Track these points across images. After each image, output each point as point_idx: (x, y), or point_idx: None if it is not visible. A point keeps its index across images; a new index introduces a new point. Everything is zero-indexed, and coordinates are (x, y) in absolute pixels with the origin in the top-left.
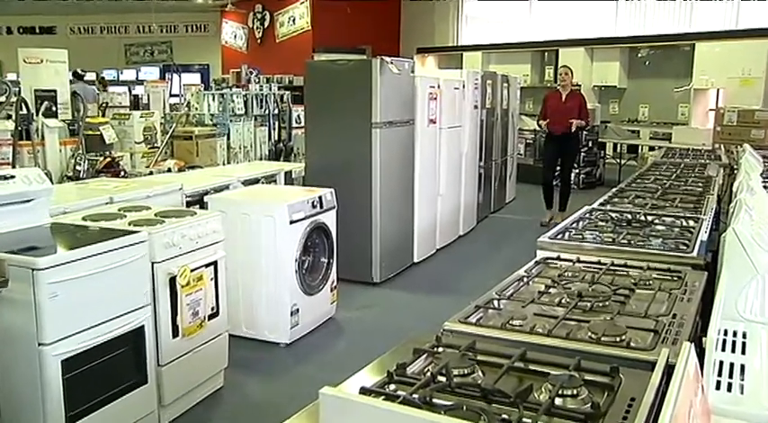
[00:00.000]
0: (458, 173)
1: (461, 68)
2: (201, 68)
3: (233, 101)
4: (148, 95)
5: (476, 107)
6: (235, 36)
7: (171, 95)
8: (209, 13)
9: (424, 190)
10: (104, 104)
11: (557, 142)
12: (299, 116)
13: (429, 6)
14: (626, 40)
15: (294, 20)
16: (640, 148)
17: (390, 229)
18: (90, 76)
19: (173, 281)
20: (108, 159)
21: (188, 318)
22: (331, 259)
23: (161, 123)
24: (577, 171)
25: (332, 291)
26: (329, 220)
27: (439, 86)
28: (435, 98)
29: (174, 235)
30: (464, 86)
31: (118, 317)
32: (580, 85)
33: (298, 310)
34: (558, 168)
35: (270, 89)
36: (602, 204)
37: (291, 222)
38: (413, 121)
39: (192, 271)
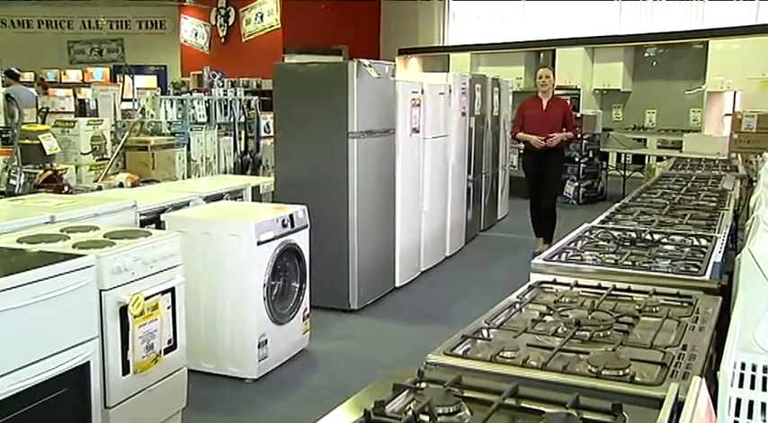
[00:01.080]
0: (444, 187)
1: (448, 71)
2: (158, 70)
3: (194, 107)
4: (96, 100)
5: (464, 114)
6: (195, 34)
7: (123, 100)
8: (165, 8)
9: (407, 206)
10: (44, 109)
11: (536, 160)
12: (267, 124)
13: (412, 3)
14: (631, 38)
15: (262, 17)
16: (647, 158)
17: (369, 251)
18: (27, 77)
19: (124, 310)
20: (49, 172)
21: (141, 352)
22: (303, 284)
23: (111, 132)
24: (576, 185)
25: (304, 319)
26: (301, 240)
27: (423, 92)
28: (419, 105)
29: (126, 258)
30: (450, 91)
31: (58, 353)
32: (580, 89)
33: (266, 341)
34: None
35: (235, 94)
36: (603, 221)
37: (259, 243)
38: (394, 131)
39: (146, 299)
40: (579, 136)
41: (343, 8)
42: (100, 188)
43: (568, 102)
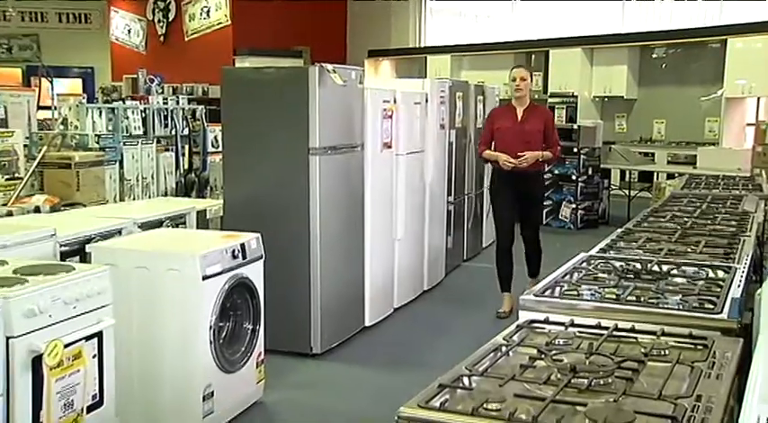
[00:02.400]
0: (420, 211)
1: (424, 77)
2: (83, 73)
3: (127, 117)
4: (5, 108)
5: (443, 127)
6: (129, 31)
7: (39, 108)
8: (91, 0)
9: (378, 233)
10: None
11: (511, 185)
12: (216, 138)
13: None
14: (636, 37)
15: (208, 12)
16: (655, 175)
17: (334, 285)
18: None
19: (37, 361)
20: None
21: (58, 411)
22: (257, 325)
23: (25, 146)
24: (574, 206)
25: (258, 366)
26: (255, 273)
27: (395, 101)
28: (391, 116)
29: (42, 299)
30: (428, 100)
31: None
32: (577, 96)
33: (213, 393)
34: (519, 223)
35: (177, 102)
36: (603, 250)
37: (205, 278)
38: (362, 146)
39: (65, 347)
40: (558, 156)
41: (305, 3)
42: (10, 213)
43: (564, 112)
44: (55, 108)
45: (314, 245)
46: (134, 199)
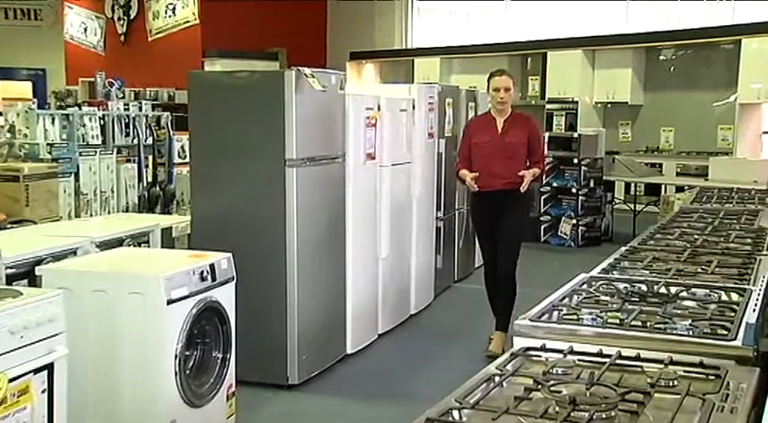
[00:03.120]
0: (407, 227)
1: (411, 81)
2: (33, 75)
3: (84, 125)
4: None
5: (431, 136)
6: (85, 29)
7: None
8: None
9: (361, 252)
10: None
11: (490, 207)
12: (183, 148)
13: None
14: (642, 37)
15: (174, 9)
16: (663, 188)
17: (313, 309)
18: None
19: None
20: None
21: None
22: (228, 353)
23: None
24: (574, 222)
25: (228, 399)
26: (225, 297)
27: (379, 108)
28: (374, 124)
29: None
30: (414, 107)
31: None
32: (577, 102)
33: None
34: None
35: (140, 109)
36: (606, 270)
37: (170, 302)
38: (343, 157)
39: (10, 381)
40: (544, 173)
41: (281, 1)
42: None
43: (564, 119)
44: (0, 114)
45: (291, 265)
46: (91, 215)
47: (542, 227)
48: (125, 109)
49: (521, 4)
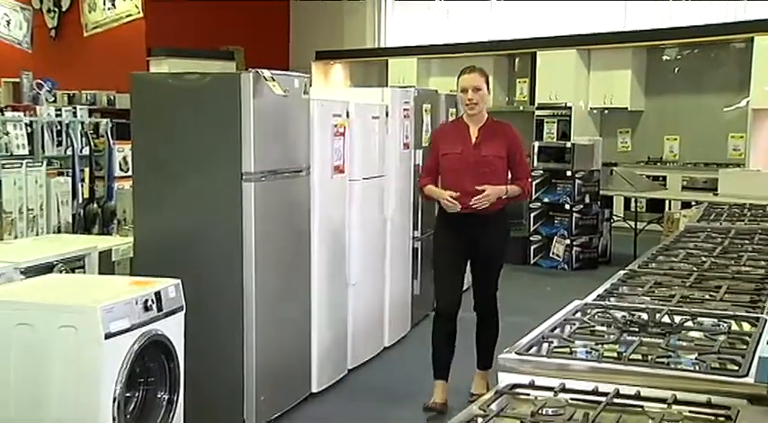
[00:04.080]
0: (380, 249)
1: (385, 85)
2: None
3: (7, 132)
4: None
5: (407, 146)
6: (8, 23)
7: None
8: None
9: (327, 277)
10: None
11: (458, 230)
12: (125, 159)
13: None
14: (642, 35)
15: (114, 2)
16: (667, 204)
17: (274, 342)
18: None
19: None
20: None
21: None
22: (175, 394)
23: None
24: (568, 242)
25: None
26: (173, 329)
27: (348, 114)
28: (343, 133)
29: None
30: (388, 114)
31: None
32: (571, 108)
33: None
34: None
35: (75, 114)
36: (602, 296)
37: (108, 336)
38: (308, 170)
39: None
40: (528, 192)
41: None
42: None
43: (555, 127)
44: None
45: (248, 292)
46: (16, 237)
47: (532, 247)
48: (57, 115)
49: None
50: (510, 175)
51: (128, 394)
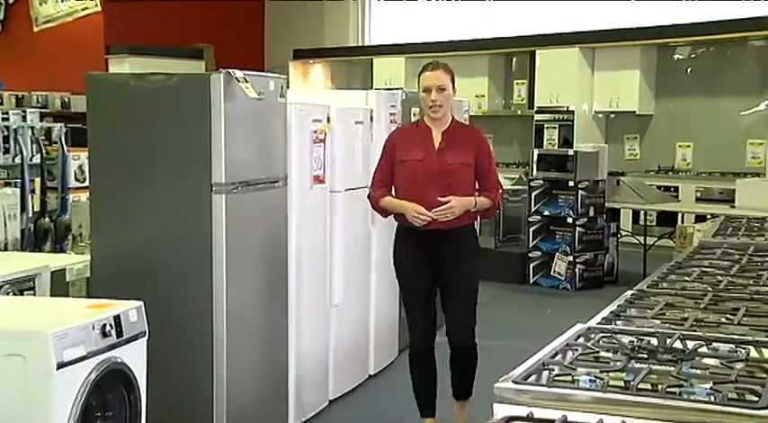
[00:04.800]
0: (365, 268)
1: (370, 87)
2: None
3: None
4: None
5: None
6: None
7: None
8: None
9: (307, 298)
10: None
11: (422, 250)
12: (81, 168)
13: None
14: (652, 32)
15: None
16: (679, 217)
17: (247, 371)
18: None
19: None
20: None
21: None
22: None
23: None
24: (570, 259)
25: None
26: (134, 357)
27: (329, 119)
28: (323, 140)
29: None
30: (373, 118)
31: None
32: (573, 111)
33: None
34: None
35: (24, 118)
36: (608, 319)
37: (61, 365)
38: (285, 181)
39: None
40: (499, 206)
41: None
42: None
43: (557, 133)
44: None
45: (218, 316)
46: None
47: (531, 265)
48: (4, 119)
49: None
50: (477, 186)
51: None
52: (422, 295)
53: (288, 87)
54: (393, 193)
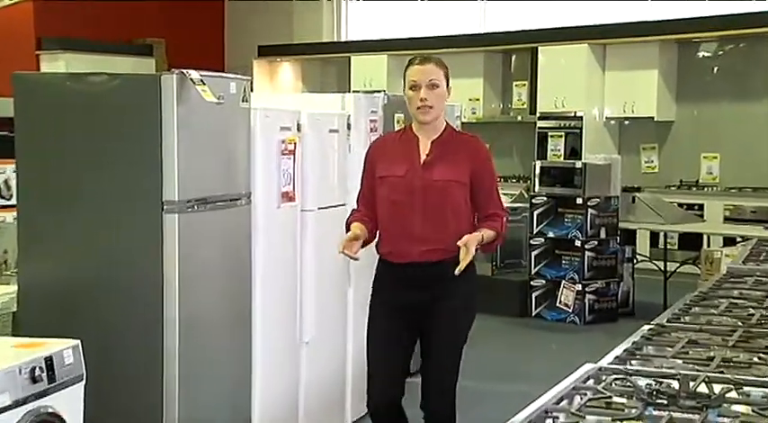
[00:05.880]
0: (341, 299)
1: (347, 90)
2: None
3: None
4: None
5: None
6: None
7: None
8: None
9: (274, 334)
10: None
11: (405, 295)
12: (6, 184)
13: None
14: (672, 25)
15: None
16: (705, 240)
17: (203, 418)
18: None
19: None
20: None
21: None
22: None
23: None
24: (579, 289)
25: None
26: (69, 405)
27: (300, 127)
28: (292, 151)
29: None
30: (350, 126)
31: None
32: (582, 117)
33: None
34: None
35: None
36: (621, 358)
37: None
38: (248, 198)
39: None
40: (503, 236)
41: None
42: None
43: (562, 142)
44: None
45: (170, 355)
46: None
47: (534, 295)
48: None
49: None
50: (477, 211)
51: None
52: (391, 341)
53: (252, 90)
54: (367, 213)
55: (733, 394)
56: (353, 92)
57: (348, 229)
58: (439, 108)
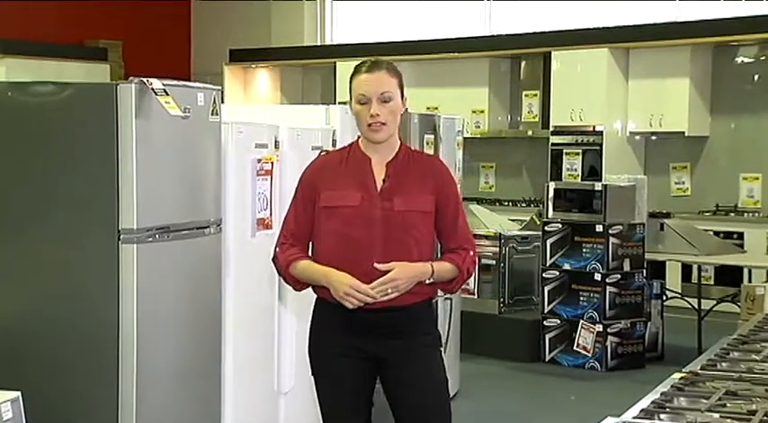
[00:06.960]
0: None
1: (332, 101)
2: None
3: None
4: None
5: None
6: None
7: None
8: None
9: (248, 382)
10: None
11: (353, 341)
12: None
13: None
14: (704, 28)
15: None
16: (745, 273)
17: None
18: None
19: None
20: None
21: None
22: None
23: None
24: (600, 330)
25: None
26: None
27: (278, 144)
28: (270, 171)
29: None
30: (336, 143)
31: None
32: (602, 132)
33: None
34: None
35: None
36: (648, 412)
37: None
38: (218, 226)
39: None
40: (469, 274)
41: None
42: None
43: (580, 161)
44: None
45: (126, 409)
46: None
47: (547, 337)
48: None
49: None
50: (440, 243)
51: None
52: (347, 400)
53: (222, 101)
54: (311, 253)
55: None
56: (339, 103)
57: (288, 267)
58: (393, 124)
